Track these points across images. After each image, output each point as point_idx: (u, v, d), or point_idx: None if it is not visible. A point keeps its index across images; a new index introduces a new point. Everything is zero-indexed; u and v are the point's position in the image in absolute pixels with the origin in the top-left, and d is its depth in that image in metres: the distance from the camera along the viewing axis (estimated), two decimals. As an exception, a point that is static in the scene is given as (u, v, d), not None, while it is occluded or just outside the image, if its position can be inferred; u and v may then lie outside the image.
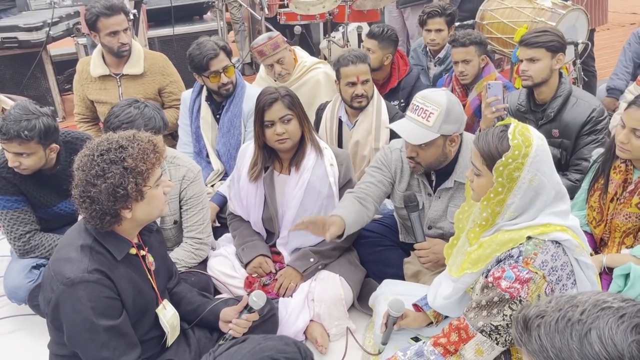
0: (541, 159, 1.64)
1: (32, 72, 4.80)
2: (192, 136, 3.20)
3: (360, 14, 4.87)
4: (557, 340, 0.90)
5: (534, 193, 1.64)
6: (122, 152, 1.62)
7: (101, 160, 1.60)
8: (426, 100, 2.17)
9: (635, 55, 4.01)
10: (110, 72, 3.29)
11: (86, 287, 1.61)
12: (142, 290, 1.78)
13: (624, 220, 2.19)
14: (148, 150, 1.66)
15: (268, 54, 3.36)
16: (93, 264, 1.64)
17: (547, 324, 0.92)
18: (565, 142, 2.79)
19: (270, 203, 2.49)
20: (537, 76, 2.74)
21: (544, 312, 0.95)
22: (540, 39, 2.71)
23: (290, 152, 2.45)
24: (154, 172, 1.68)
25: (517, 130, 1.65)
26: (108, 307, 1.65)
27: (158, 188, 1.72)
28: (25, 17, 5.01)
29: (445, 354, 1.67)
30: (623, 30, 7.19)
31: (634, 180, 2.18)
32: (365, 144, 2.96)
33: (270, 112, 2.35)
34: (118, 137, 1.66)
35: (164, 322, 1.87)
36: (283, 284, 2.39)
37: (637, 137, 2.07)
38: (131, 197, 1.63)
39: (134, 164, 1.61)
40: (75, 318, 1.62)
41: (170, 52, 4.81)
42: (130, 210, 1.67)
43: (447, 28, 3.73)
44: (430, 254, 2.35)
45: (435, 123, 2.13)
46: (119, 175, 1.59)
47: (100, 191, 1.59)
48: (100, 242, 1.69)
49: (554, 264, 1.60)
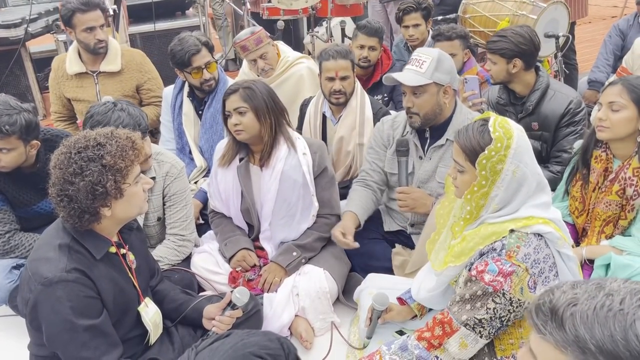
0: (522, 150, 1.65)
1: (11, 70, 4.73)
2: (175, 133, 3.17)
3: (343, 8, 4.86)
4: (598, 331, 0.85)
5: (517, 185, 1.65)
6: (100, 150, 1.60)
7: (79, 158, 1.58)
8: (420, 52, 2.35)
9: (615, 48, 4.05)
10: (87, 70, 3.24)
11: (65, 286, 1.58)
12: (123, 289, 1.76)
13: (605, 208, 2.22)
14: (126, 147, 1.64)
15: (251, 49, 3.33)
16: (71, 263, 1.61)
17: (582, 312, 0.87)
18: (545, 135, 2.82)
19: (246, 193, 2.48)
20: (496, 77, 2.86)
21: (575, 299, 0.89)
22: (495, 45, 2.80)
23: (259, 145, 2.44)
24: (133, 169, 1.66)
25: (497, 123, 1.66)
26: (87, 307, 1.62)
27: (137, 185, 1.70)
28: (2, 14, 4.92)
29: (430, 348, 1.67)
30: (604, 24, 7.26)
31: (615, 169, 2.21)
32: (349, 139, 2.96)
33: (228, 102, 2.38)
34: (96, 135, 1.64)
35: (146, 320, 1.85)
36: (267, 279, 2.38)
37: (614, 112, 2.13)
38: (110, 195, 1.61)
39: (113, 161, 1.59)
40: (54, 318, 1.59)
41: (152, 48, 4.77)
42: (110, 208, 1.64)
43: (424, 22, 3.74)
44: (409, 200, 2.41)
45: (427, 69, 2.27)
46: (97, 172, 1.57)
47: (79, 189, 1.57)
48: (78, 241, 1.66)
49: (536, 256, 1.61)
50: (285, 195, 2.44)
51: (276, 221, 2.47)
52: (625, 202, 2.19)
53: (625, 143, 2.19)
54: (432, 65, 2.27)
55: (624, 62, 3.50)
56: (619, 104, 2.12)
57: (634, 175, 2.15)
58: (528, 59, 2.78)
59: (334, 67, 2.83)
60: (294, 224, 2.48)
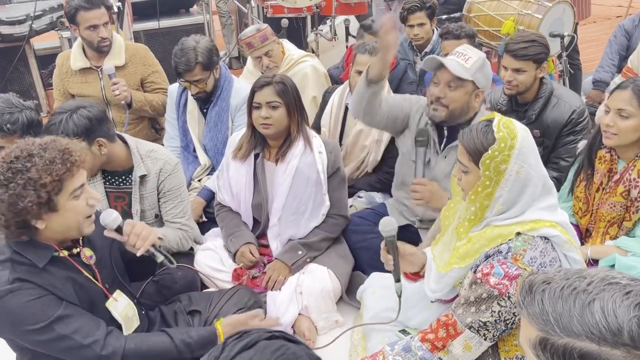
0: (527, 151, 1.64)
1: (15, 67, 4.73)
2: (179, 130, 3.17)
3: (347, 6, 4.85)
4: (559, 306, 0.91)
5: (522, 185, 1.64)
6: (28, 162, 1.53)
7: (7, 169, 1.53)
8: (467, 48, 2.34)
9: (621, 48, 4.03)
10: (91, 65, 3.24)
11: (12, 297, 1.57)
12: (84, 287, 1.73)
13: (609, 210, 2.21)
14: (56, 160, 1.55)
15: (256, 46, 3.33)
16: (14, 275, 1.59)
17: (552, 289, 0.94)
18: (547, 142, 2.80)
19: (262, 187, 2.48)
20: (522, 86, 2.75)
21: (550, 279, 0.97)
22: (529, 52, 2.69)
23: (278, 141, 2.44)
24: (66, 182, 1.57)
25: (501, 123, 1.65)
26: (44, 305, 1.61)
27: (78, 199, 1.62)
28: (7, 11, 4.92)
29: (433, 350, 1.67)
30: (609, 23, 7.24)
31: (619, 170, 2.20)
32: (368, 133, 2.97)
33: (259, 95, 2.36)
34: (33, 143, 1.58)
35: (116, 315, 1.82)
36: (272, 277, 2.38)
37: (622, 118, 2.09)
38: (31, 212, 1.53)
39: (38, 175, 1.52)
40: (17, 329, 1.59)
41: (156, 46, 4.76)
42: (43, 220, 1.58)
43: (429, 21, 3.73)
44: (426, 192, 2.35)
45: (472, 67, 2.26)
46: (20, 186, 1.51)
47: (2, 201, 1.51)
48: (19, 252, 1.62)
49: (542, 260, 1.60)
50: (297, 192, 2.44)
51: (286, 217, 2.47)
52: (630, 204, 2.18)
53: (631, 146, 2.17)
54: (477, 64, 2.26)
55: (630, 62, 3.50)
56: (629, 111, 2.07)
57: (639, 176, 2.14)
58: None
59: (366, 62, 2.81)
60: (303, 221, 2.48)
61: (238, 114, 3.02)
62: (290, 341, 0.97)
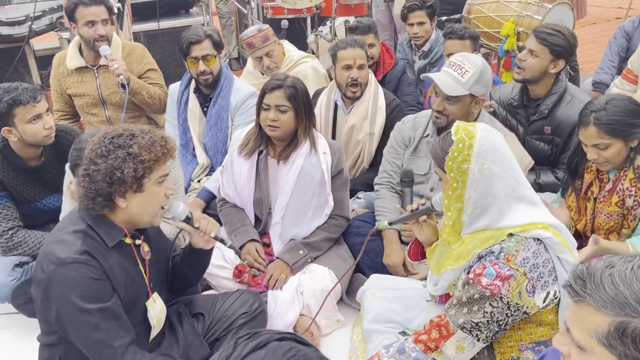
0: (487, 149, 1.66)
1: (15, 67, 4.72)
2: (179, 129, 3.17)
3: (347, 7, 4.85)
4: (636, 286, 0.90)
5: (487, 182, 1.66)
6: (131, 140, 1.65)
7: (109, 142, 1.64)
8: (464, 58, 2.34)
9: (620, 49, 4.03)
10: (87, 64, 3.24)
11: (77, 268, 1.61)
12: (134, 280, 1.77)
13: (606, 219, 2.21)
14: (156, 143, 1.67)
15: (257, 46, 3.34)
16: (85, 247, 1.64)
17: (621, 272, 0.92)
18: (557, 140, 2.79)
19: (263, 184, 2.48)
20: (528, 72, 2.72)
21: (612, 262, 0.95)
22: (550, 39, 2.67)
23: (284, 141, 2.45)
24: (158, 166, 1.69)
25: (460, 127, 1.70)
26: (99, 289, 1.65)
27: (160, 186, 1.72)
28: (6, 11, 4.91)
29: (427, 351, 1.67)
30: (609, 25, 7.24)
31: (611, 179, 2.19)
32: (360, 128, 2.98)
33: (270, 96, 2.36)
34: (134, 128, 1.71)
35: (152, 315, 1.84)
36: (273, 275, 2.38)
37: (603, 150, 2.08)
38: (127, 183, 1.63)
39: (139, 151, 1.63)
40: (66, 299, 1.62)
41: (156, 46, 4.75)
42: (125, 199, 1.67)
43: (429, 20, 3.74)
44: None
45: (468, 81, 2.28)
46: (120, 159, 1.62)
47: (99, 170, 1.62)
48: (93, 228, 1.69)
49: (535, 260, 1.61)
50: (300, 191, 2.44)
51: (289, 216, 2.47)
52: (626, 212, 2.17)
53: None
54: (475, 76, 2.28)
55: (629, 63, 3.49)
56: (604, 143, 2.07)
57: (631, 185, 2.14)
58: (567, 62, 2.73)
59: (352, 55, 2.84)
60: (306, 221, 2.48)
61: (238, 112, 3.03)
62: (300, 343, 0.97)
